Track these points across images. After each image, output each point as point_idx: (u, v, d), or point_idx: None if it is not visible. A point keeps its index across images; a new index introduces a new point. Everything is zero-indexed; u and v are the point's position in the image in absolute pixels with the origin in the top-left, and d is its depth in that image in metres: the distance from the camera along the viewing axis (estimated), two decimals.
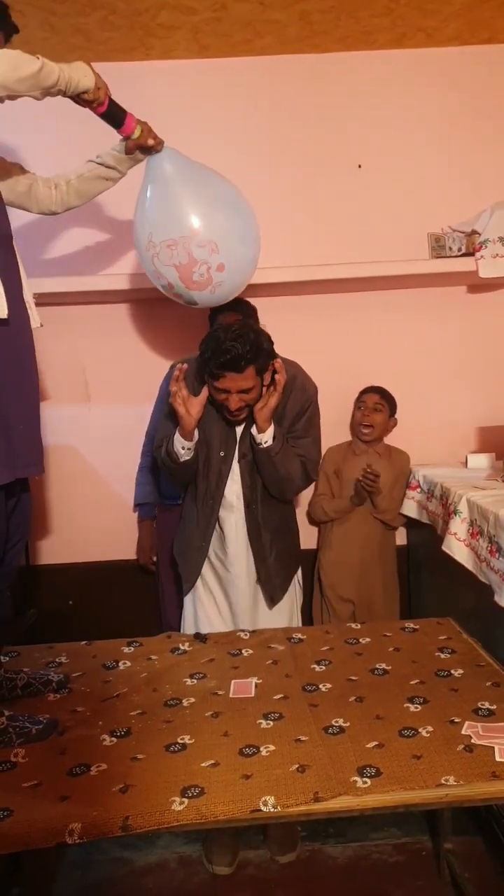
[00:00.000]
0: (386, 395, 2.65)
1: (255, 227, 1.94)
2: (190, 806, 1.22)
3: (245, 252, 1.90)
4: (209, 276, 1.83)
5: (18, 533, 1.60)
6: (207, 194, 1.85)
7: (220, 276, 1.85)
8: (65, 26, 2.37)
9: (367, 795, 1.25)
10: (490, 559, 2.06)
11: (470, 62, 2.72)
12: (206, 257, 1.80)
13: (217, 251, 1.81)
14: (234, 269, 1.88)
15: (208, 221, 1.81)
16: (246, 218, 1.90)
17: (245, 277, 1.97)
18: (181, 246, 1.80)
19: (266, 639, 1.94)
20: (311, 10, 2.37)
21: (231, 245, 1.84)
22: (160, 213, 1.83)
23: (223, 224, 1.83)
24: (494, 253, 2.48)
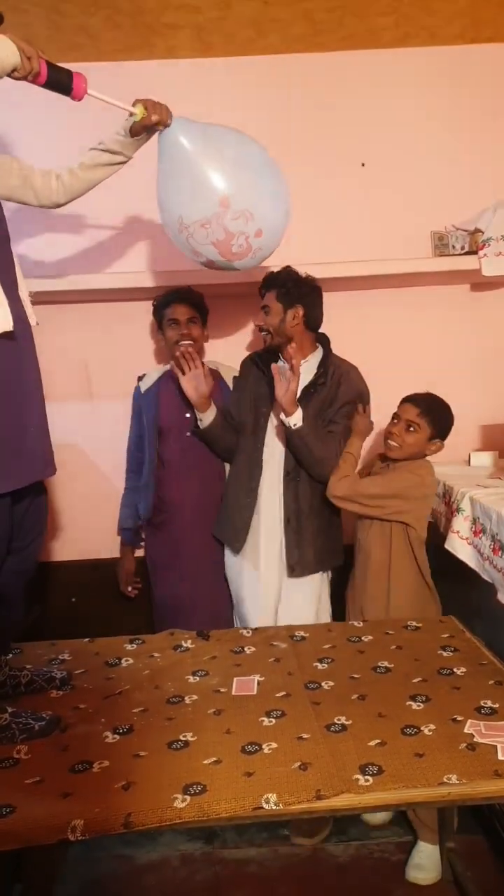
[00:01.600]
0: (431, 413, 2.17)
1: (281, 180, 1.88)
2: (192, 803, 1.22)
3: (278, 210, 1.86)
4: (248, 244, 1.82)
5: (34, 531, 1.61)
6: (230, 161, 1.76)
7: (258, 242, 1.83)
8: (69, 25, 2.37)
9: (369, 793, 1.25)
10: (493, 557, 2.06)
11: (474, 61, 2.71)
12: (242, 228, 1.78)
13: (252, 219, 1.77)
14: (271, 230, 1.85)
15: (238, 191, 1.74)
16: (272, 175, 1.84)
17: (281, 233, 1.93)
18: (215, 223, 1.76)
19: (268, 636, 1.94)
20: (315, 8, 2.37)
21: (264, 208, 1.80)
22: (186, 194, 1.77)
23: (253, 189, 1.77)
24: (498, 251, 2.48)
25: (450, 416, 2.21)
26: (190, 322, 2.40)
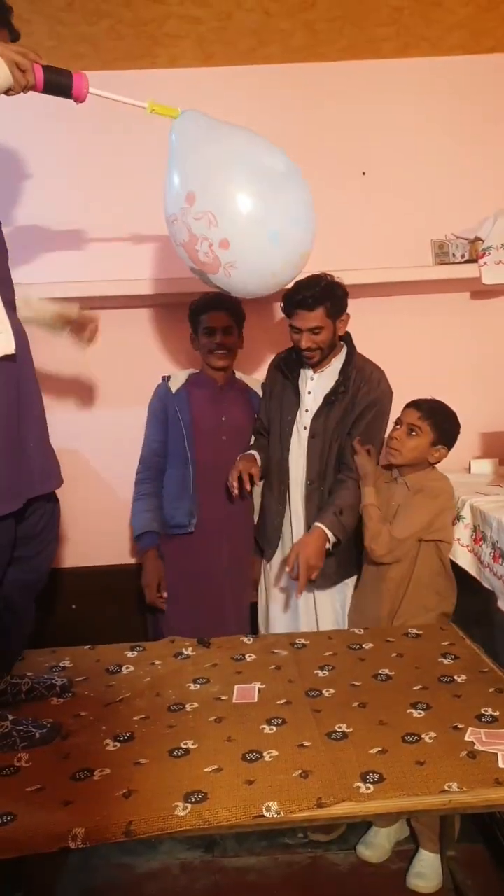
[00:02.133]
0: (433, 416, 2.13)
1: (286, 197, 1.64)
2: (193, 811, 1.22)
3: (255, 227, 1.60)
4: (214, 256, 1.63)
5: (44, 540, 1.61)
6: (210, 155, 1.60)
7: (227, 256, 1.62)
8: (72, 35, 2.39)
9: (369, 801, 1.25)
10: (493, 565, 2.07)
11: (473, 71, 2.73)
12: (205, 232, 1.60)
13: (215, 224, 1.58)
14: (244, 250, 1.62)
15: (203, 187, 1.58)
16: (267, 184, 1.61)
17: (265, 262, 1.67)
18: (181, 220, 1.64)
19: (269, 644, 1.94)
20: (316, 19, 2.39)
21: (236, 220, 1.58)
22: (167, 185, 1.69)
23: (223, 189, 1.58)
24: (498, 259, 2.49)
25: (455, 422, 2.17)
26: (226, 331, 2.35)
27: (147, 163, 2.66)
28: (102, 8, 2.25)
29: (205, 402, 2.39)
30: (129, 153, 2.68)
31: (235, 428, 2.41)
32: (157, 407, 2.43)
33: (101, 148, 2.67)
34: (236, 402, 2.46)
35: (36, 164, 2.68)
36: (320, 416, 2.22)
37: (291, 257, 1.71)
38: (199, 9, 2.28)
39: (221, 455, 2.34)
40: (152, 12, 2.29)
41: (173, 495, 2.37)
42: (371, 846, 2.17)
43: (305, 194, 1.71)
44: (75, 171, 2.68)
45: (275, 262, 1.68)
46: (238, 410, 2.44)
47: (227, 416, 2.40)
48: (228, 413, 2.41)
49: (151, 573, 2.35)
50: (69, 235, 2.69)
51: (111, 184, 2.69)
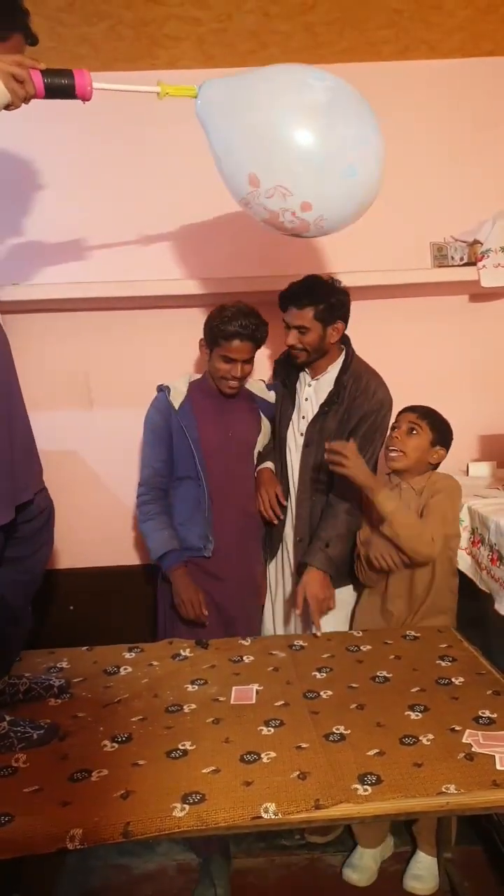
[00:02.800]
0: (430, 416, 2.15)
1: (340, 128, 1.53)
2: (191, 812, 1.22)
3: (328, 176, 1.54)
4: (301, 220, 1.58)
5: (38, 541, 1.60)
6: (252, 129, 1.52)
7: (312, 214, 1.57)
8: (71, 36, 2.39)
9: (367, 803, 1.25)
10: (491, 567, 2.07)
11: (473, 74, 2.73)
12: (282, 205, 1.55)
13: (290, 193, 1.53)
14: (327, 200, 1.57)
15: (260, 165, 1.52)
16: (318, 125, 1.51)
17: (351, 199, 1.62)
18: (254, 203, 1.59)
19: (267, 645, 1.94)
20: (316, 21, 2.39)
21: (304, 179, 1.52)
22: (224, 174, 1.62)
23: (281, 159, 1.51)
24: (496, 262, 2.50)
25: (449, 426, 2.17)
26: (246, 362, 2.15)
27: (154, 162, 2.68)
28: (102, 9, 2.25)
29: (211, 415, 2.22)
30: (133, 152, 2.68)
31: (242, 441, 2.29)
32: (159, 423, 2.21)
33: (105, 147, 2.67)
34: (242, 413, 2.30)
35: (39, 163, 2.67)
36: (315, 424, 2.21)
37: (373, 175, 1.63)
38: (199, 10, 2.28)
39: (231, 471, 2.23)
40: (152, 13, 2.29)
41: (184, 516, 2.21)
42: (357, 869, 2.14)
43: (358, 110, 1.59)
44: (78, 171, 2.67)
45: (359, 192, 1.62)
46: (244, 423, 2.30)
47: (233, 430, 2.25)
48: (235, 426, 2.26)
49: (188, 588, 2.12)
50: (69, 236, 2.69)
51: (114, 184, 2.69)
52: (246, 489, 2.29)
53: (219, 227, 2.68)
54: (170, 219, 2.71)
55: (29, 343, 2.70)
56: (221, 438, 2.21)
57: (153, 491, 2.21)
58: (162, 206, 2.69)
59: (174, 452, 2.20)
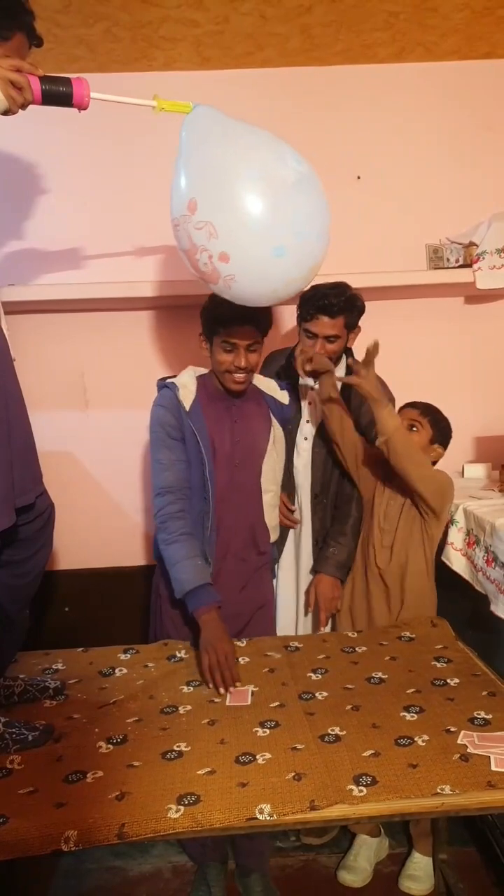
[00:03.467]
0: (431, 414, 2.11)
1: (294, 210, 1.53)
2: (186, 814, 1.22)
3: (257, 242, 1.52)
4: (214, 268, 1.55)
5: (36, 542, 1.60)
6: (214, 160, 1.52)
7: (226, 269, 1.54)
8: (68, 37, 2.39)
9: (362, 804, 1.25)
10: (486, 569, 2.08)
11: (468, 76, 2.74)
12: (204, 243, 1.52)
13: (216, 236, 1.50)
14: (245, 263, 1.54)
15: (205, 195, 1.51)
16: (274, 196, 1.51)
17: (267, 276, 1.58)
18: (183, 227, 1.57)
19: (262, 647, 1.94)
20: (312, 23, 2.40)
21: (236, 231, 1.50)
22: (173, 188, 1.60)
23: (225, 200, 1.49)
24: (492, 264, 2.50)
25: (449, 425, 2.15)
26: (251, 349, 1.89)
27: (150, 164, 2.68)
28: (99, 10, 2.25)
29: (219, 419, 1.99)
30: (132, 155, 2.68)
31: (249, 449, 2.04)
32: (171, 422, 1.93)
33: (102, 148, 2.67)
34: (251, 416, 2.06)
35: (36, 165, 2.67)
36: (322, 429, 2.20)
37: (298, 272, 1.62)
38: (195, 12, 2.29)
39: (235, 484, 2.01)
40: (149, 15, 2.29)
41: (198, 534, 1.97)
42: (352, 870, 2.15)
43: (317, 206, 1.61)
44: (75, 172, 2.67)
45: (278, 278, 1.60)
46: (253, 428, 2.06)
47: (240, 437, 2.01)
48: (243, 433, 2.02)
49: (221, 643, 1.73)
50: (66, 237, 2.69)
51: (111, 185, 2.69)
52: (251, 504, 2.06)
53: None
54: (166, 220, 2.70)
55: (25, 344, 2.69)
56: (229, 446, 1.99)
57: (179, 501, 1.91)
58: (159, 208, 2.66)
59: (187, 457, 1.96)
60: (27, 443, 1.53)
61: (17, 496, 1.44)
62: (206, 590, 1.81)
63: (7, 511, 1.39)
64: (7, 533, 1.43)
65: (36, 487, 1.55)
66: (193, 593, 1.80)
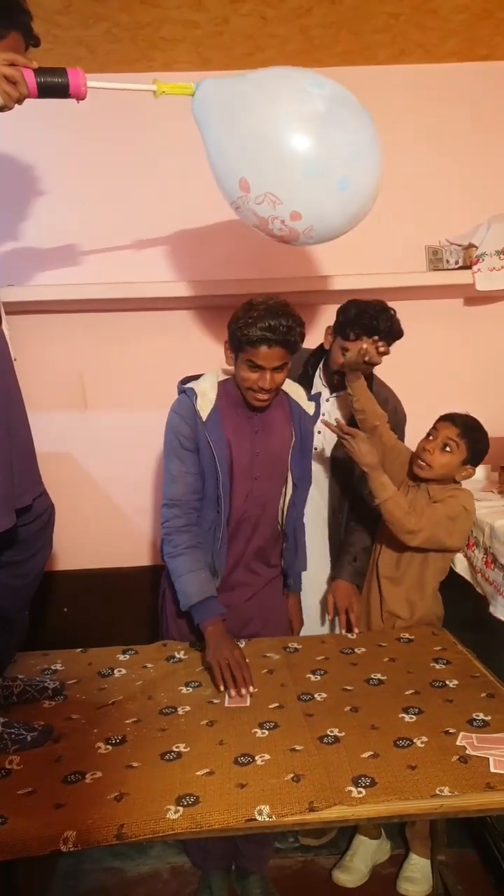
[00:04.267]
0: (470, 435, 2.00)
1: (336, 139, 1.48)
2: (185, 814, 1.22)
3: (319, 187, 1.50)
4: (290, 228, 1.54)
5: (36, 544, 1.60)
6: (243, 131, 1.49)
7: (302, 224, 1.53)
8: (68, 38, 2.39)
9: (361, 805, 1.25)
10: (485, 570, 2.08)
11: (468, 78, 2.75)
12: (271, 212, 1.51)
13: (280, 202, 1.49)
14: (318, 211, 1.53)
15: (251, 170, 1.49)
16: (313, 135, 1.47)
17: (343, 212, 1.57)
18: (243, 207, 1.55)
19: (261, 648, 1.93)
20: (312, 25, 2.40)
21: (296, 189, 1.49)
22: (216, 175, 1.58)
23: (272, 166, 1.47)
24: (491, 266, 2.51)
25: (486, 441, 2.05)
26: (278, 370, 1.80)
27: (150, 163, 2.68)
28: (99, 11, 2.25)
29: (239, 430, 1.90)
30: (129, 154, 2.68)
31: (270, 462, 1.96)
32: (185, 432, 1.86)
33: (101, 149, 2.67)
34: (275, 426, 1.98)
35: (34, 165, 2.67)
36: (340, 445, 2.10)
37: (367, 190, 1.59)
38: (195, 13, 2.29)
39: (252, 499, 1.94)
40: (149, 16, 2.29)
41: (209, 548, 1.94)
42: (347, 870, 2.15)
43: (354, 119, 1.55)
44: (73, 173, 2.67)
45: (351, 205, 1.57)
46: (276, 438, 1.97)
47: (261, 450, 1.93)
48: (264, 444, 1.94)
49: (231, 648, 1.73)
50: (65, 238, 2.69)
51: (109, 186, 2.69)
52: (268, 517, 2.01)
53: (213, 230, 2.68)
54: (165, 221, 2.71)
55: (25, 344, 2.69)
56: (248, 458, 1.91)
57: (187, 514, 1.88)
58: (157, 209, 2.69)
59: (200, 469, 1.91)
60: (27, 444, 1.53)
61: (17, 497, 1.44)
62: (210, 602, 1.81)
63: (7, 512, 1.39)
64: (7, 534, 1.43)
65: (34, 489, 1.55)
66: (198, 606, 1.80)
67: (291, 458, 2.00)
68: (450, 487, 2.05)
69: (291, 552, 2.11)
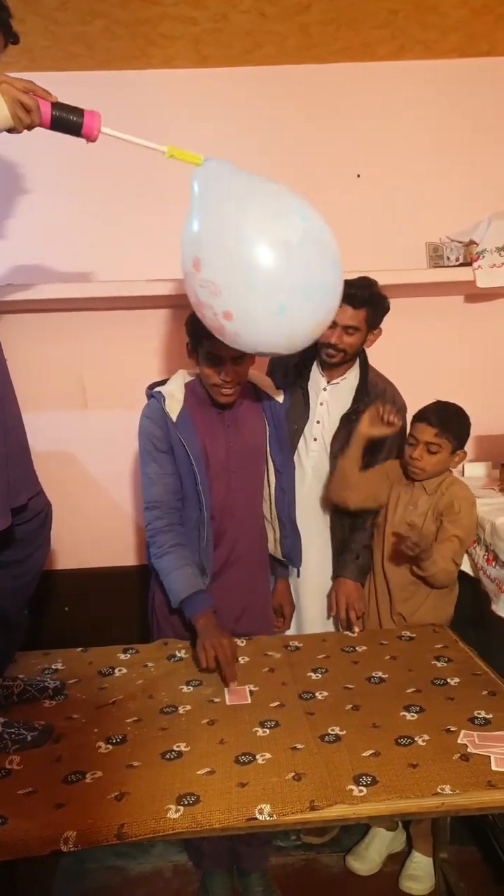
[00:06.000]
0: (449, 429, 2.01)
1: (298, 271, 1.52)
2: (185, 814, 1.22)
3: (258, 303, 1.51)
4: (219, 324, 1.55)
5: (33, 543, 1.59)
6: (219, 219, 1.52)
7: (231, 326, 1.54)
8: (66, 35, 2.38)
9: (362, 804, 1.25)
10: (487, 567, 2.07)
11: (469, 74, 2.73)
12: (209, 300, 1.54)
13: (219, 295, 1.51)
14: (247, 323, 1.54)
15: (209, 255, 1.51)
16: (278, 257, 1.50)
17: (270, 334, 1.57)
18: (190, 282, 1.58)
19: (262, 646, 1.93)
20: (311, 21, 2.39)
21: (238, 292, 1.51)
22: (183, 238, 1.59)
23: (227, 262, 1.50)
24: (492, 263, 2.50)
25: (465, 420, 2.07)
26: (237, 361, 1.81)
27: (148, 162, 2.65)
28: (97, 8, 2.24)
29: (211, 427, 1.93)
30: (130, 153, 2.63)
31: (246, 454, 1.99)
32: (158, 434, 1.89)
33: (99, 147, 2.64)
34: (246, 418, 2.00)
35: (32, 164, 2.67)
36: (339, 436, 2.16)
37: (304, 329, 1.60)
38: (194, 10, 2.28)
39: (231, 492, 1.96)
40: (147, 13, 2.28)
41: (194, 547, 1.94)
42: (361, 858, 2.17)
43: (323, 261, 1.59)
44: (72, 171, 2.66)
45: (281, 335, 1.59)
46: (248, 430, 1.99)
47: (234, 443, 1.96)
48: (237, 438, 1.96)
49: (220, 637, 1.74)
50: (64, 236, 2.69)
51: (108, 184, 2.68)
52: (250, 510, 2.04)
53: None
54: (164, 218, 2.69)
55: (23, 343, 2.69)
56: (222, 453, 1.94)
57: (169, 514, 1.90)
58: (156, 206, 2.68)
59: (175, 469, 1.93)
60: (22, 443, 1.52)
61: (13, 497, 1.44)
62: (199, 596, 1.82)
63: (3, 512, 1.39)
64: (4, 533, 1.43)
65: (30, 488, 1.54)
66: (188, 601, 1.81)
67: (270, 447, 2.02)
68: (445, 478, 2.10)
69: (289, 538, 2.09)
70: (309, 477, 2.23)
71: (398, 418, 2.01)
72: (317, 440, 2.22)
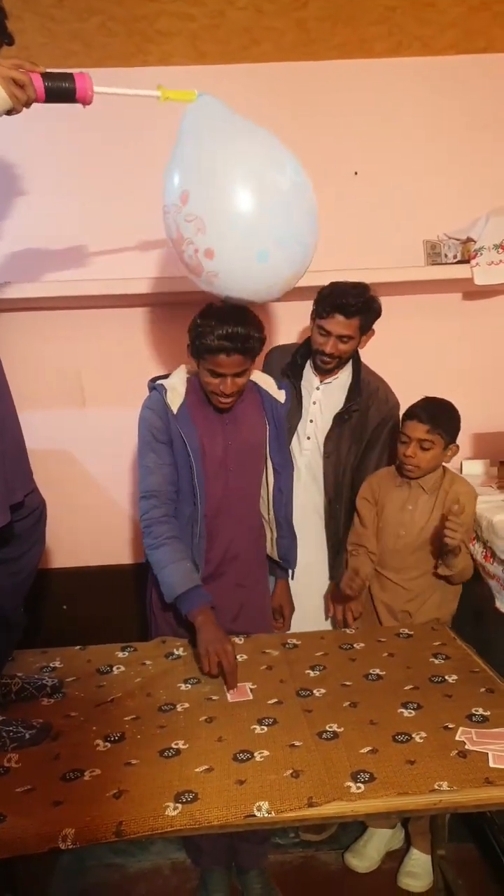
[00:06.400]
0: (439, 425, 2.02)
1: (283, 218, 1.55)
2: (184, 811, 1.22)
3: (242, 244, 1.52)
4: (198, 262, 1.56)
5: (28, 540, 1.59)
6: (212, 155, 1.51)
7: (211, 265, 1.54)
8: (63, 32, 2.38)
9: (360, 801, 1.25)
10: (484, 564, 2.08)
11: (466, 71, 2.73)
12: (192, 236, 1.53)
13: (204, 231, 1.51)
14: (228, 263, 1.55)
15: (199, 189, 1.51)
16: (265, 201, 1.52)
17: (248, 277, 1.60)
18: (173, 216, 1.57)
19: (260, 644, 1.93)
20: (309, 17, 2.38)
21: (224, 230, 1.51)
22: (167, 175, 1.59)
23: (217, 197, 1.50)
24: (490, 260, 2.50)
25: (455, 415, 2.08)
26: (238, 375, 1.82)
27: (145, 160, 2.67)
28: (94, 5, 2.23)
29: (210, 424, 1.92)
30: (127, 151, 2.67)
31: (244, 453, 1.98)
32: (158, 425, 1.89)
33: (97, 145, 2.65)
34: (246, 417, 1.98)
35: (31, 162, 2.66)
36: (332, 435, 2.18)
37: (278, 279, 1.63)
38: (191, 6, 2.27)
39: (229, 491, 1.95)
40: (144, 9, 2.27)
41: (189, 541, 1.93)
42: (359, 855, 2.17)
43: (306, 217, 1.61)
44: (70, 169, 2.66)
45: (259, 282, 1.62)
46: (248, 429, 1.98)
47: (233, 441, 1.95)
48: (236, 436, 1.95)
49: (221, 643, 1.69)
50: (61, 234, 2.68)
51: (106, 182, 2.68)
52: (247, 508, 2.04)
53: None
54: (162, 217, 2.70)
55: (21, 342, 2.69)
56: (220, 450, 1.93)
57: (165, 504, 1.88)
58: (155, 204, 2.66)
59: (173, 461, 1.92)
60: (18, 441, 1.52)
61: (9, 493, 1.43)
62: (196, 591, 1.78)
63: (3, 509, 1.39)
64: (2, 531, 1.43)
65: (26, 485, 1.54)
66: (184, 596, 1.78)
67: (270, 447, 2.02)
68: (444, 475, 2.12)
69: (286, 539, 2.09)
70: (303, 475, 2.23)
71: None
72: (310, 439, 2.22)
